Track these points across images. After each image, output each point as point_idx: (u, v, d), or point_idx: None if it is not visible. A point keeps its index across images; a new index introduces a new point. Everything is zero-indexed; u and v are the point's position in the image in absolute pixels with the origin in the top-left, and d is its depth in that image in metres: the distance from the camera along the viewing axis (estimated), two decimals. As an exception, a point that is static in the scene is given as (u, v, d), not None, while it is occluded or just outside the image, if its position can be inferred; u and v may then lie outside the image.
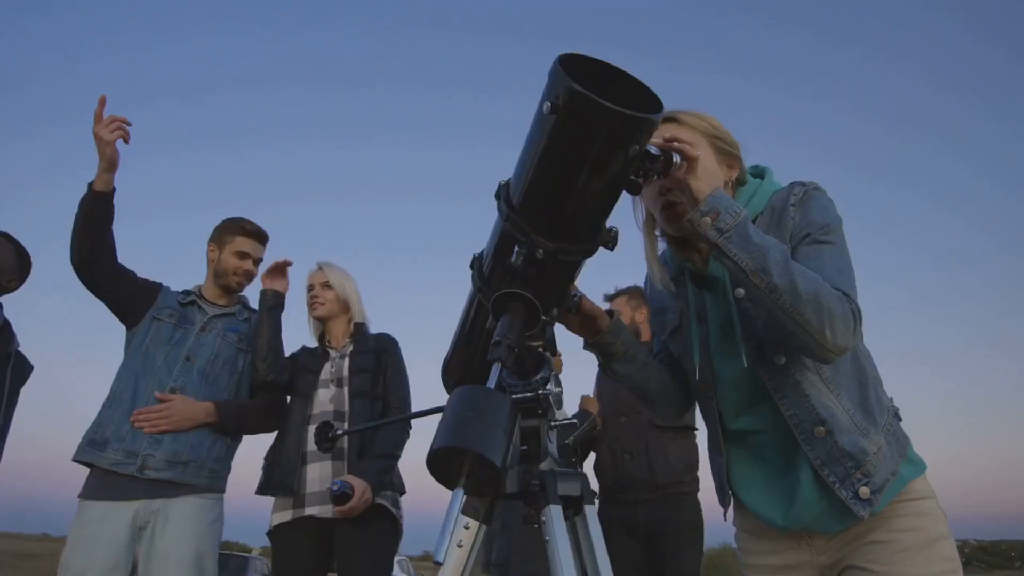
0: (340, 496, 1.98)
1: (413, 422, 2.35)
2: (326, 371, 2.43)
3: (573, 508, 1.02)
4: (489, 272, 1.14)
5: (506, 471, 0.81)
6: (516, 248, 1.04)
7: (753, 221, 1.24)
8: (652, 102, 0.99)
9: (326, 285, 2.53)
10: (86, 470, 2.18)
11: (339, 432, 1.23)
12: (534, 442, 1.07)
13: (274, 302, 2.40)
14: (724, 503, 1.35)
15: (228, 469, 2.34)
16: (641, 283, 2.36)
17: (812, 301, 1.08)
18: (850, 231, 1.25)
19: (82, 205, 2.11)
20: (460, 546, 0.99)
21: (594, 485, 2.82)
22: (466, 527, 1.01)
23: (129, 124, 2.05)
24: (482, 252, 1.19)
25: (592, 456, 2.88)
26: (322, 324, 2.58)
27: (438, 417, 0.85)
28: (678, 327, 1.37)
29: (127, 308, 2.31)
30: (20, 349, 2.30)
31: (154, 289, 2.38)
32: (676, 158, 1.11)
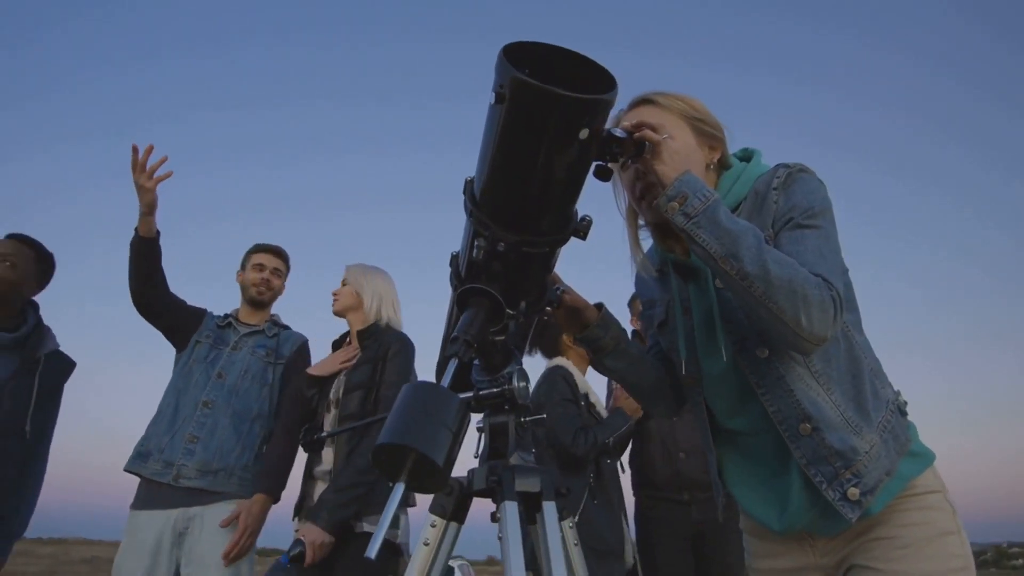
0: (297, 557, 1.92)
1: None
2: (333, 389, 2.31)
3: (534, 505, 0.99)
4: (464, 270, 1.14)
5: (450, 470, 0.80)
6: (476, 243, 1.03)
7: (737, 206, 1.20)
8: (608, 83, 0.96)
9: (344, 283, 2.55)
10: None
11: (323, 435, 1.25)
12: (502, 438, 1.06)
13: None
14: (717, 501, 1.30)
15: None
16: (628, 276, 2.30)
17: (785, 288, 1.01)
18: (857, 222, 1.17)
19: (132, 248, 2.33)
20: (426, 544, 0.99)
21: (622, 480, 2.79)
22: (432, 525, 1.01)
23: (169, 173, 2.24)
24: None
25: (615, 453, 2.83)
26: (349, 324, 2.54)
27: None
28: (665, 320, 1.32)
29: (177, 334, 2.54)
30: (59, 347, 2.44)
31: (200, 315, 2.60)
32: None
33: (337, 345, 2.53)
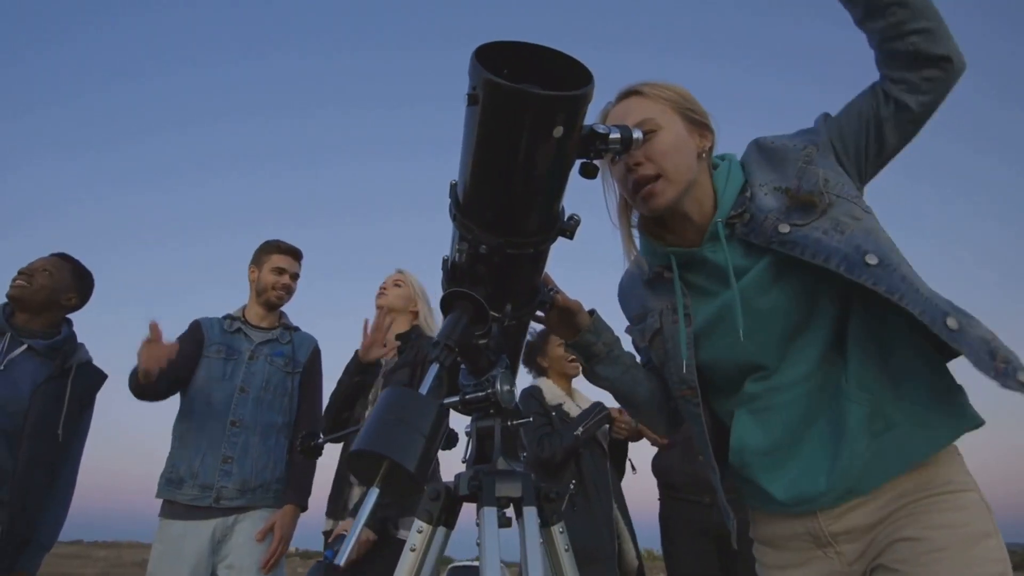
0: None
1: None
2: (373, 389, 2.30)
3: (515, 509, 0.98)
4: (449, 274, 1.14)
5: (424, 476, 0.79)
6: (459, 246, 1.03)
7: (743, 188, 1.17)
8: (583, 78, 0.95)
9: (397, 283, 2.55)
10: None
11: (320, 441, 1.27)
12: (489, 443, 1.05)
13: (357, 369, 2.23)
14: (729, 527, 1.21)
15: None
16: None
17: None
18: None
19: (132, 387, 2.26)
20: (413, 550, 0.98)
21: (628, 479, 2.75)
22: (419, 531, 1.00)
23: (171, 356, 2.16)
24: None
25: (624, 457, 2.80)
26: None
27: None
28: (659, 329, 1.25)
29: (190, 372, 2.46)
30: (92, 360, 2.50)
31: (196, 336, 2.49)
32: (637, 134, 1.01)
33: None
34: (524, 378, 2.91)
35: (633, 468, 2.71)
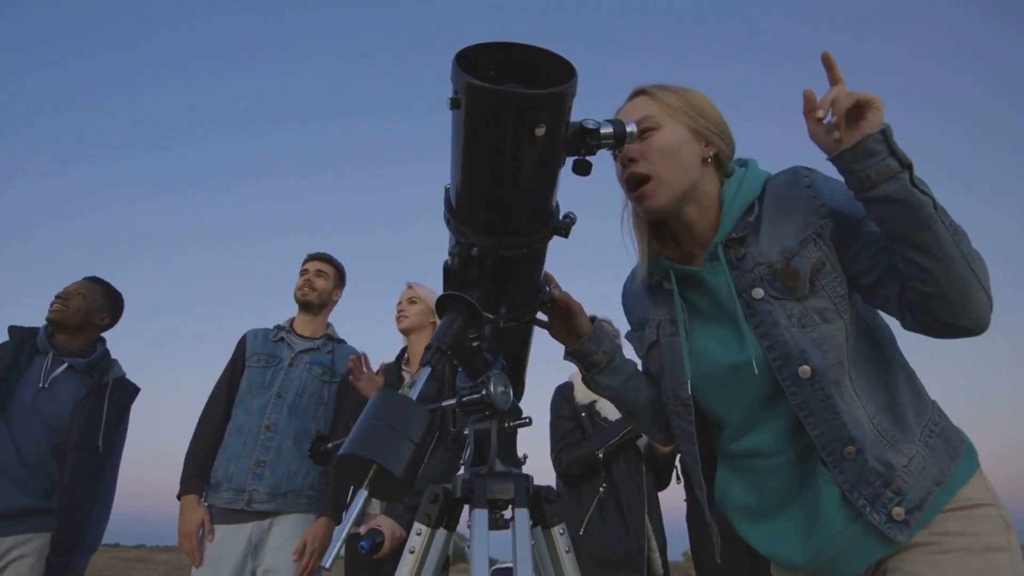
0: (373, 548, 1.98)
1: None
2: None
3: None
4: (445, 278, 1.14)
5: (411, 480, 0.80)
6: (450, 250, 1.03)
7: (751, 207, 1.12)
8: (567, 74, 0.94)
9: (412, 300, 2.59)
10: None
11: (330, 445, 1.28)
12: (484, 445, 1.05)
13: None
14: (714, 539, 1.22)
15: None
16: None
17: (976, 254, 0.96)
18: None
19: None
20: (412, 552, 0.99)
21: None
22: (418, 533, 1.01)
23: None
24: None
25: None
26: (406, 341, 2.63)
27: None
28: (656, 341, 1.22)
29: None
30: (125, 375, 2.65)
31: (241, 356, 2.60)
32: (631, 127, 0.98)
33: (396, 365, 2.58)
34: (540, 372, 2.93)
35: (678, 478, 2.67)
